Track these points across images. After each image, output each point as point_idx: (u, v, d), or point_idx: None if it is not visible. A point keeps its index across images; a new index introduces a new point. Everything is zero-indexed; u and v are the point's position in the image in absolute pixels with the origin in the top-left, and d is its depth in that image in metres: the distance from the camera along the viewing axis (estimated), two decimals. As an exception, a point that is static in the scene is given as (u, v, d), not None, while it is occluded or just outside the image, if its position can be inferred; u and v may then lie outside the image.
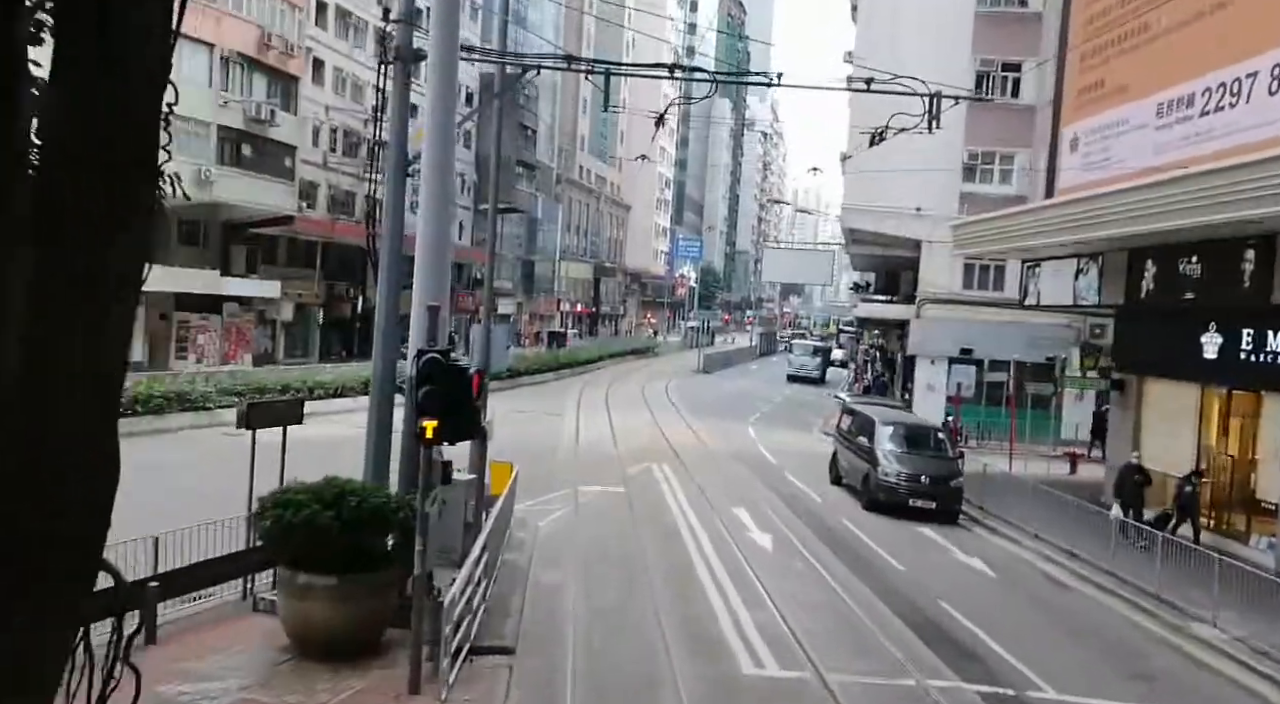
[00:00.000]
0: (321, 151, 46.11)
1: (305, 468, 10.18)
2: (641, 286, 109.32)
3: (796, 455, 25.78)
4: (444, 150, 11.29)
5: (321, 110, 45.86)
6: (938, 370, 30.98)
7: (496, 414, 28.58)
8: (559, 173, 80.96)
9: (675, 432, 27.96)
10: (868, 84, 13.85)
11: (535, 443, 23.64)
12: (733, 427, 31.30)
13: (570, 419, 29.28)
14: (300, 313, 45.53)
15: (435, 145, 11.15)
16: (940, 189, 30.41)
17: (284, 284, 42.59)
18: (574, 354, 48.65)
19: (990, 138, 30.38)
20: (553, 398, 35.43)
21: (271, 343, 44.09)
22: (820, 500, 19.47)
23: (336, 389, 27.47)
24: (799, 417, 36.55)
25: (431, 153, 11.17)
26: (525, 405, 32.04)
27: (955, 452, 19.09)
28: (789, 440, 29.23)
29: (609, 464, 21.49)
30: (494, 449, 21.08)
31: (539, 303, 76.20)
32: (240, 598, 10.68)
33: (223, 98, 35.61)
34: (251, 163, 37.57)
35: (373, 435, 11.18)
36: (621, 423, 28.87)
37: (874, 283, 47.19)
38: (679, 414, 33.18)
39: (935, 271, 30.90)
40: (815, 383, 54.07)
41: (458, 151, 59.37)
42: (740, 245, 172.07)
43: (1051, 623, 12.77)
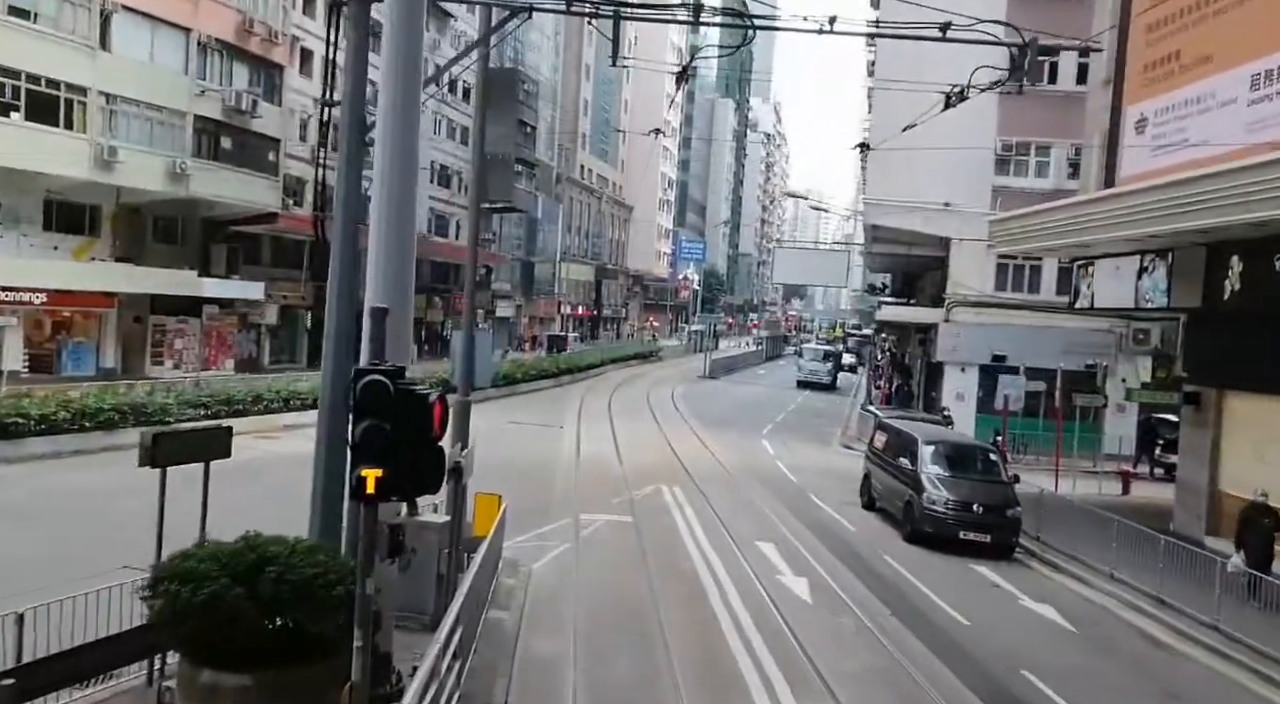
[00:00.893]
0: (309, 146, 43.82)
1: (259, 504, 7.82)
2: (644, 289, 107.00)
3: (818, 473, 23.43)
4: (405, 113, 8.89)
5: (310, 103, 43.59)
6: (967, 378, 28.62)
7: (489, 428, 26.25)
8: (559, 172, 78.67)
9: (685, 445, 25.61)
10: (943, 30, 11.41)
11: (531, 461, 21.32)
12: (746, 439, 28.95)
13: (570, 431, 26.93)
14: (286, 316, 43.21)
15: (395, 106, 8.75)
16: (970, 183, 28.10)
17: (269, 285, 40.28)
18: (575, 359, 46.31)
19: (1025, 127, 28.05)
20: (552, 407, 33.09)
21: (256, 348, 41.76)
22: (854, 530, 17.10)
23: (315, 399, 25.09)
24: (815, 427, 34.18)
25: (390, 117, 8.77)
26: (522, 416, 29.73)
27: (1009, 475, 16.72)
28: (808, 455, 26.88)
29: (613, 485, 19.12)
30: (486, 467, 18.77)
31: (539, 305, 73.89)
32: (145, 684, 8.32)
33: (200, 86, 33.28)
34: (231, 156, 35.24)
35: (320, 478, 8.80)
36: (626, 435, 26.52)
37: (890, 285, 44.84)
38: (687, 424, 30.82)
39: (965, 272, 28.55)
40: (827, 389, 51.72)
41: (452, 147, 57.22)
42: (743, 248, 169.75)
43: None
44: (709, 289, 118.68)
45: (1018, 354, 27.64)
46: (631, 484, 19.18)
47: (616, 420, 30.22)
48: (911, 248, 29.61)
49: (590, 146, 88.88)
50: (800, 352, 54.49)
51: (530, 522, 14.95)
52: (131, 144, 30.69)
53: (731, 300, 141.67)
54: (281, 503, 9.78)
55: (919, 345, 34.48)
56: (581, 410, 32.39)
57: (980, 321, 28.50)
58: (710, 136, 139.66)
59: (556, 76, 77.45)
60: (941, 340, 28.40)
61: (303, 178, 43.61)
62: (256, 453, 19.49)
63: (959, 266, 28.56)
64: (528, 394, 36.68)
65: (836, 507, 18.84)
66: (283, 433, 22.71)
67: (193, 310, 36.50)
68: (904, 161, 28.49)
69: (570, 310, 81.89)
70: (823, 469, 24.08)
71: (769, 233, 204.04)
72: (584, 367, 46.41)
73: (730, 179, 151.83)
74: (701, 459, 23.67)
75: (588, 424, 28.89)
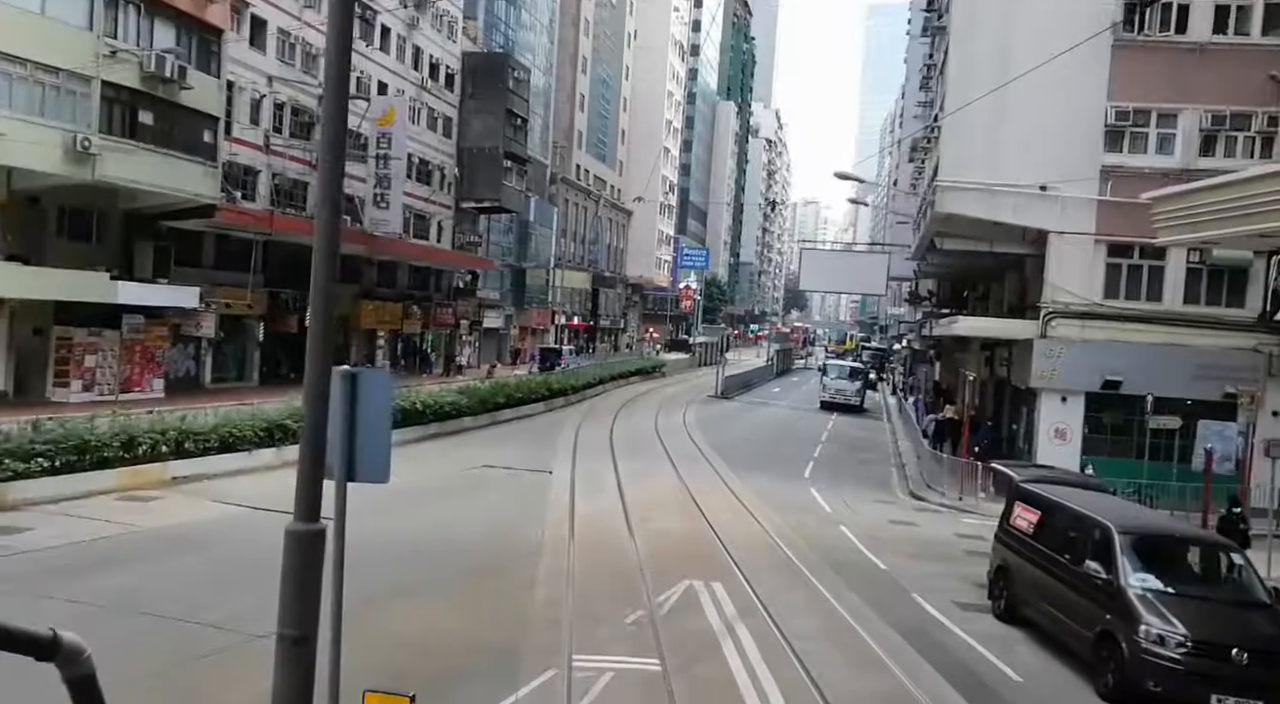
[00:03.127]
0: (263, 131, 37.71)
1: None
2: (643, 298, 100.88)
3: (903, 546, 17.26)
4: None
5: (263, 81, 37.50)
6: (1070, 411, 22.47)
7: (453, 475, 19.95)
8: (554, 171, 72.61)
9: (714, 500, 19.41)
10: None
11: (502, 537, 15.14)
12: (787, 486, 22.79)
13: (562, 479, 20.72)
14: (235, 327, 37.01)
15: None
16: (1072, 162, 22.08)
17: (208, 292, 34.11)
18: (569, 378, 40.10)
19: (1145, 90, 22.00)
20: (541, 440, 26.89)
21: (195, 364, 35.53)
22: (1019, 678, 10.61)
23: (228, 437, 18.88)
24: (864, 467, 27.98)
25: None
26: (502, 453, 23.54)
27: (1270, 589, 10.51)
28: (874, 513, 20.67)
29: (625, 584, 12.89)
30: (431, 556, 12.64)
31: (531, 315, 67.74)
32: None
33: (109, 45, 27.12)
34: (155, 135, 29.06)
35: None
36: (636, 484, 20.31)
37: (937, 293, 38.74)
38: (710, 465, 24.62)
39: (1067, 274, 22.45)
40: (855, 411, 45.53)
41: (434, 139, 51.04)
42: (744, 257, 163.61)
43: None
44: (710, 299, 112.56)
45: (1137, 379, 21.58)
46: (652, 580, 12.94)
47: (621, 460, 24.03)
48: (994, 244, 23.54)
49: (587, 146, 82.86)
50: (824, 368, 48.28)
51: (485, 688, 8.72)
52: (15, 113, 24.54)
53: (733, 311, 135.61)
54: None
55: (985, 365, 28.32)
56: (577, 445, 26.19)
57: (1085, 337, 22.37)
58: (711, 140, 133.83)
59: (549, 78, 71.38)
60: (1037, 362, 22.25)
61: (254, 167, 37.53)
62: (105, 530, 13.35)
63: (1059, 267, 22.44)
64: (513, 423, 30.46)
65: (960, 618, 12.59)
66: (166, 490, 16.53)
67: (111, 321, 30.30)
68: (987, 136, 22.45)
69: (565, 321, 75.72)
70: (905, 539, 17.89)
71: (769, 241, 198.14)
72: (580, 387, 40.20)
73: (732, 185, 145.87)
74: (741, 525, 17.46)
75: (585, 466, 22.69)
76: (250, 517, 14.94)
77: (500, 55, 57.45)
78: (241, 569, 11.59)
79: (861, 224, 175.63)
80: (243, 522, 14.61)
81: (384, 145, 41.97)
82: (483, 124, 54.72)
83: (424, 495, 17.90)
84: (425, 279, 52.30)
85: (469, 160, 54.59)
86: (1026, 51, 21.15)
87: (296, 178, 40.05)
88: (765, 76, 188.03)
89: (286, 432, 20.04)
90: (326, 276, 5.89)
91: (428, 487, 18.86)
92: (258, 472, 18.87)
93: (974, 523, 19.88)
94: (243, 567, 11.61)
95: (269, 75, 37.90)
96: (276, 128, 38.71)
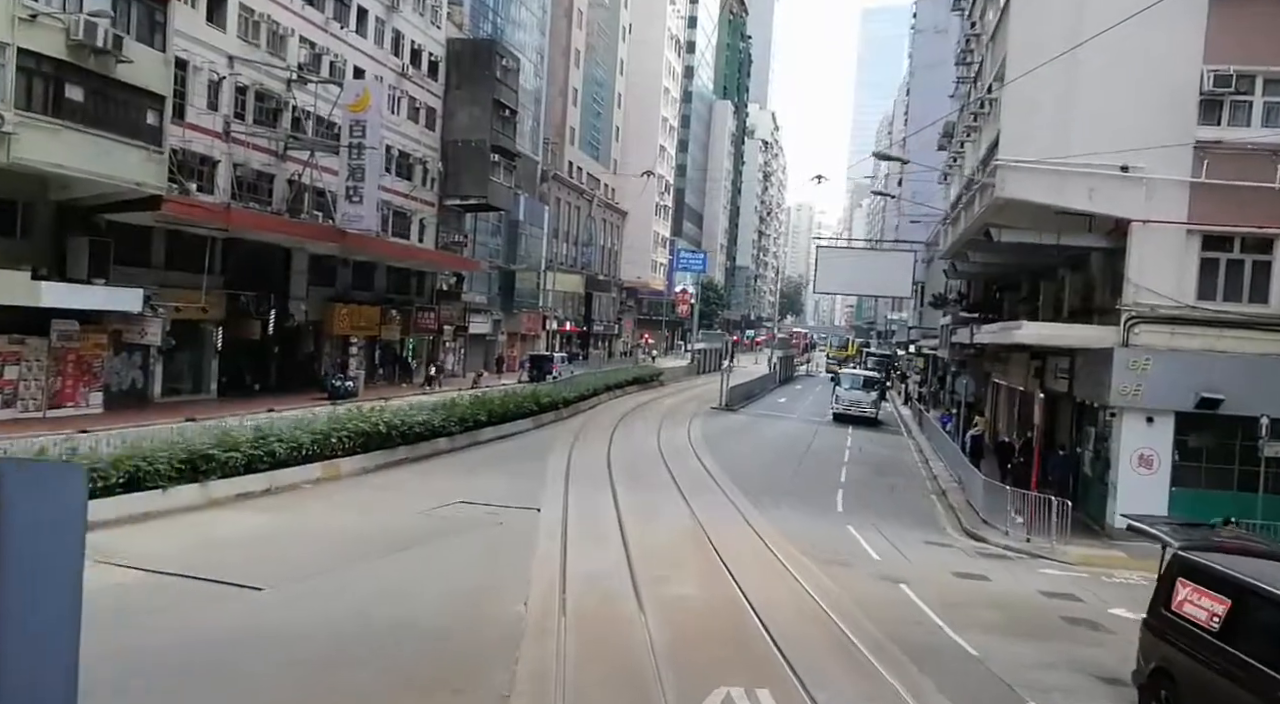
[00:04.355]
0: (222, 117, 33.98)
1: None
2: (638, 302, 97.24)
3: (986, 611, 13.63)
4: None
5: (222, 61, 33.77)
6: (1158, 434, 18.84)
7: (418, 518, 16.35)
8: (545, 168, 68.95)
9: (740, 550, 15.73)
10: None
11: (471, 613, 11.50)
12: (823, 527, 19.13)
13: (552, 520, 17.02)
14: (189, 333, 33.24)
15: None
16: (1157, 139, 18.46)
17: (160, 294, 30.39)
18: (560, 390, 36.39)
19: (1251, 51, 18.45)
20: (528, 466, 23.21)
21: (142, 375, 31.74)
22: None
23: (135, 471, 15.09)
24: (904, 497, 24.30)
25: None
26: (481, 485, 19.85)
27: None
28: (933, 562, 16.98)
29: (636, 696, 9.23)
30: (371, 636, 10.02)
31: (521, 320, 64.04)
32: None
33: (27, 7, 23.39)
34: (85, 113, 25.35)
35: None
36: (643, 530, 16.63)
37: (967, 295, 35.16)
38: (727, 498, 20.94)
39: (1152, 270, 18.86)
40: (871, 424, 41.91)
41: (415, 131, 47.11)
42: (741, 260, 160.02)
43: None
44: (707, 303, 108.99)
45: (1241, 397, 18.01)
46: (675, 689, 9.25)
47: (622, 490, 20.36)
48: (1061, 235, 19.97)
49: (580, 143, 79.25)
50: (837, 378, 44.67)
51: None
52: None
53: (729, 315, 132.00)
54: None
55: (1034, 376, 24.74)
56: (570, 471, 22.51)
57: (1175, 346, 18.78)
58: (708, 140, 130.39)
59: (541, 71, 67.76)
60: (1118, 376, 18.62)
61: (211, 156, 33.81)
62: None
63: (1141, 263, 18.84)
64: (497, 443, 26.74)
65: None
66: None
67: (38, 327, 26.60)
68: (1056, 107, 18.88)
69: (557, 326, 72.03)
70: (982, 601, 14.23)
71: (765, 245, 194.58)
72: (572, 398, 36.50)
73: (728, 187, 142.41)
74: (777, 585, 13.80)
75: (580, 500, 19.01)
76: (149, 588, 11.32)
77: (487, 42, 53.81)
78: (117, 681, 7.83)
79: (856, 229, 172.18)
80: (135, 597, 10.93)
81: (358, 133, 38.21)
82: (468, 115, 51.06)
83: (376, 547, 14.22)
84: (406, 281, 48.57)
85: (454, 154, 50.91)
86: (1105, 4, 17.62)
87: (261, 169, 36.35)
88: (761, 77, 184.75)
89: (214, 463, 16.33)
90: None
91: (383, 534, 15.18)
92: (173, 514, 15.16)
93: (1056, 575, 16.28)
94: (122, 675, 7.86)
95: (230, 55, 34.21)
96: (238, 113, 34.99)
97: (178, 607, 10.84)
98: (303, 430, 18.74)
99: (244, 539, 14.31)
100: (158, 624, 10.18)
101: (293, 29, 37.67)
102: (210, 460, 16.33)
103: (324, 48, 39.87)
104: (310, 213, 39.08)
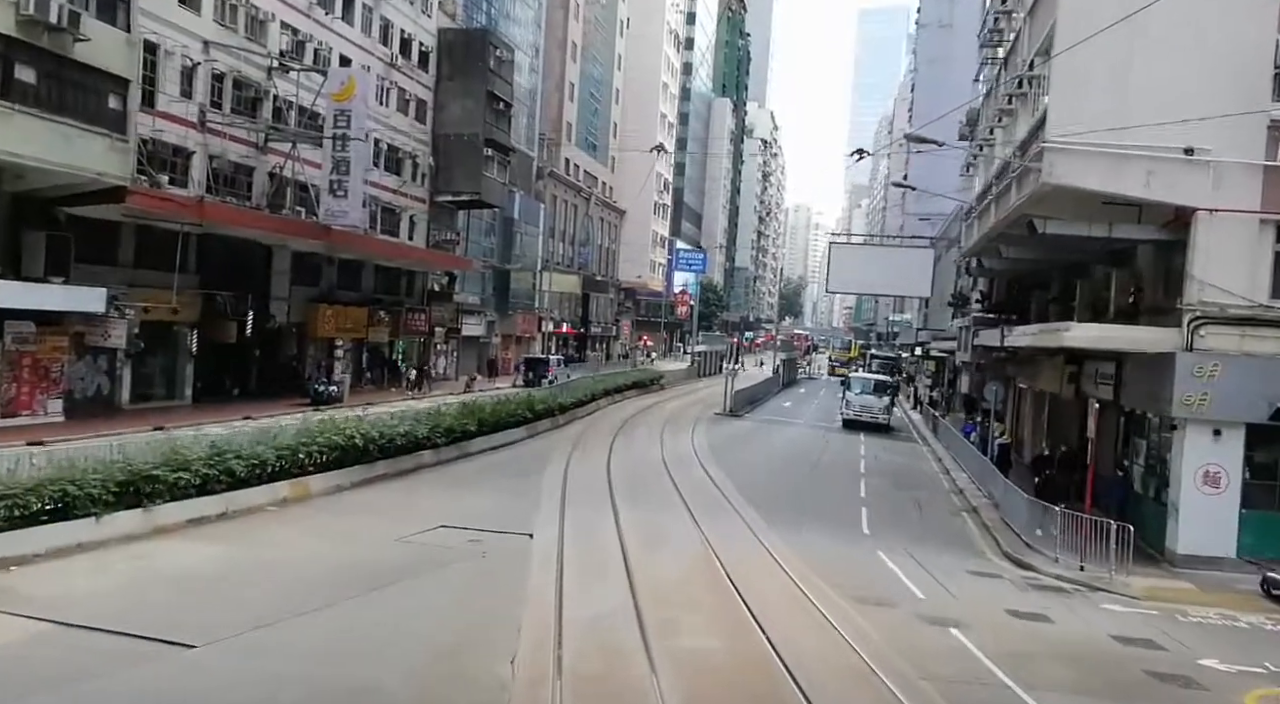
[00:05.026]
0: (197, 105, 31.87)
1: None
2: (636, 303, 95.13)
3: (1055, 663, 11.61)
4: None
5: (197, 46, 31.68)
6: (1226, 449, 16.81)
7: (386, 547, 14.19)
8: (541, 165, 66.87)
9: (764, 588, 13.65)
10: None
11: (444, 680, 9.39)
12: (852, 555, 17.07)
13: (545, 549, 14.94)
14: (161, 335, 31.16)
15: None
16: (1223, 117, 16.42)
17: (128, 293, 28.34)
18: (555, 395, 34.29)
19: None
20: (520, 482, 21.15)
21: (109, 380, 29.61)
22: None
23: (62, 496, 12.98)
24: (934, 515, 22.23)
25: None
26: (467, 505, 17.79)
27: None
28: (983, 597, 14.94)
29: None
30: None
31: (516, 322, 61.93)
32: None
33: (-30, -22, 21.32)
34: (38, 97, 23.29)
35: None
36: (650, 561, 14.58)
37: (990, 296, 33.14)
38: (742, 519, 18.86)
39: (1219, 265, 16.84)
40: (883, 430, 39.87)
41: (405, 123, 44.94)
42: (740, 261, 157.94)
43: None
44: (706, 305, 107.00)
45: (1321, 408, 15.95)
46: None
47: (625, 509, 18.30)
48: (1112, 226, 17.96)
49: (577, 139, 77.17)
50: (847, 382, 42.57)
51: None
52: None
53: (728, 317, 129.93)
54: None
55: (1069, 382, 22.71)
56: (567, 487, 20.46)
57: (1247, 350, 16.75)
58: (707, 138, 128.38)
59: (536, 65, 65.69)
60: (1181, 383, 16.60)
61: (185, 147, 31.70)
62: None
63: (1207, 257, 16.80)
64: (486, 455, 24.66)
65: None
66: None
67: (-10, 328, 24.54)
68: (1111, 83, 16.85)
69: (553, 328, 69.93)
70: (1048, 649, 12.20)
71: (764, 245, 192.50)
72: (569, 404, 34.41)
73: (727, 186, 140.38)
74: (811, 633, 11.75)
75: (578, 523, 16.94)
76: (52, 646, 9.27)
77: (480, 31, 51.72)
78: None
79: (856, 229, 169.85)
80: (29, 662, 8.87)
81: (342, 123, 36.09)
82: (461, 108, 48.95)
83: (340, 586, 12.15)
84: (395, 281, 46.45)
85: (445, 148, 48.81)
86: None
87: (239, 161, 34.24)
88: (760, 75, 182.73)
89: (159, 485, 14.24)
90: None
91: (350, 568, 13.10)
92: (110, 546, 13.09)
93: (1123, 612, 14.26)
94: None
95: (205, 40, 32.12)
96: (215, 102, 32.89)
97: (82, 674, 8.75)
98: (267, 445, 16.65)
99: (186, 576, 12.24)
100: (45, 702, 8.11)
101: (273, 14, 35.55)
102: (155, 482, 14.23)
103: (308, 34, 37.78)
104: (293, 208, 37.00)
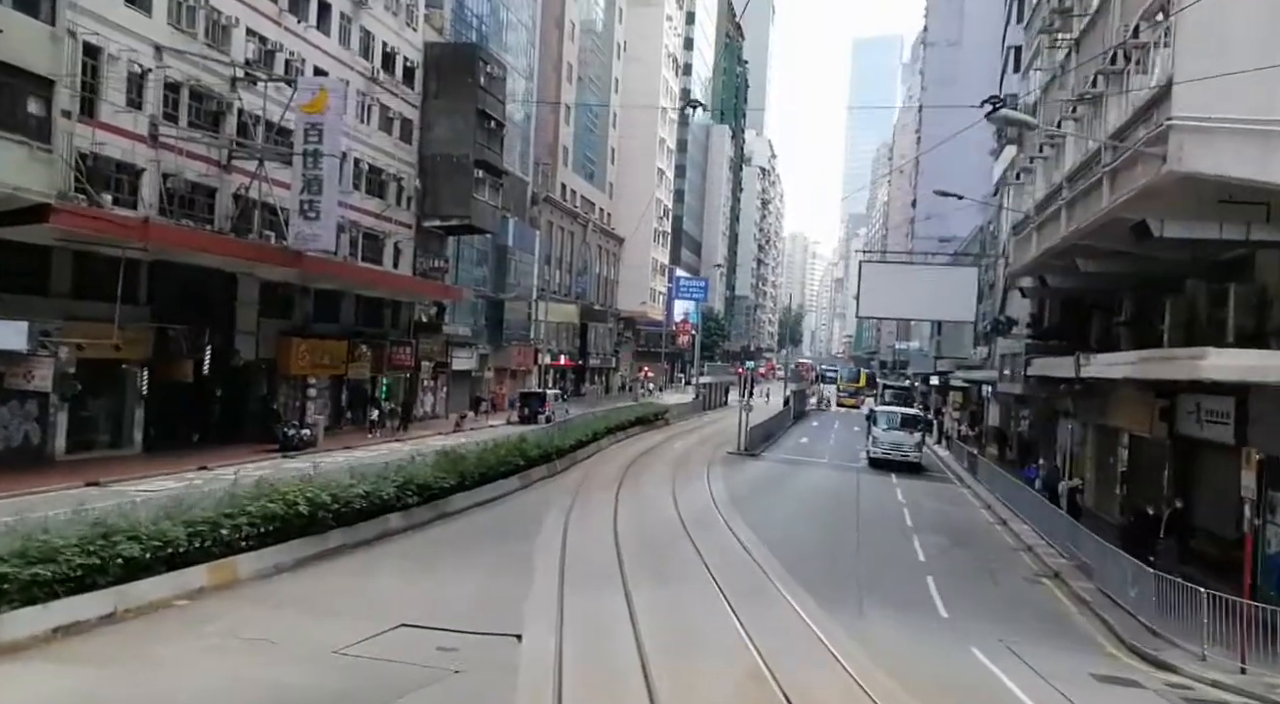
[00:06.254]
0: (148, 117, 28.32)
1: None
2: (635, 333, 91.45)
3: None
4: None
5: (147, 50, 28.19)
6: None
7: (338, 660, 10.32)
8: (536, 191, 63.49)
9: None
10: None
11: None
12: (942, 658, 13.17)
13: (537, 660, 11.04)
14: (104, 375, 27.42)
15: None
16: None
17: (66, 328, 24.66)
18: (551, 437, 30.40)
19: None
20: (508, 550, 17.28)
21: (37, 427, 25.76)
22: None
23: None
24: (1012, 586, 18.32)
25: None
26: (439, 589, 13.92)
27: None
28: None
29: None
30: None
31: (511, 355, 58.17)
32: None
33: None
34: (-61, 97, 19.65)
35: None
36: (678, 679, 10.71)
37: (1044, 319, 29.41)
38: (789, 601, 14.95)
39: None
40: (914, 469, 36.00)
41: (388, 142, 40.14)
42: (740, 289, 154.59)
43: None
44: (708, 334, 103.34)
45: None
46: None
47: (639, 597, 14.38)
48: (1251, 226, 14.33)
49: (573, 164, 73.88)
50: (874, 416, 38.77)
51: None
52: None
53: (730, 346, 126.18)
54: None
55: (1160, 419, 18.89)
56: (566, 559, 16.59)
57: None
58: (705, 165, 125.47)
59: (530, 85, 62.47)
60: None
61: (133, 163, 28.09)
62: None
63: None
64: (470, 513, 20.74)
65: None
66: None
67: (-116, 370, 20.77)
68: (1256, 46, 13.23)
69: (550, 360, 66.15)
70: None
71: (764, 274, 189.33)
72: (567, 447, 30.54)
73: (726, 214, 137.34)
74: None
75: (579, 617, 13.05)
76: None
77: (469, 46, 48.46)
78: None
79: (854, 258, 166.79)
80: None
81: (314, 138, 32.54)
82: (449, 127, 45.54)
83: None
84: (378, 312, 42.72)
85: (433, 170, 45.35)
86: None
87: (198, 180, 30.64)
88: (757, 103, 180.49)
89: (9, 583, 10.39)
90: None
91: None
92: (55, 642, 9.22)
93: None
94: None
95: (157, 44, 28.65)
96: (169, 114, 29.32)
97: None
98: (175, 520, 12.78)
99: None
100: None
101: (237, 18, 32.10)
102: (3, 580, 10.37)
103: (277, 43, 34.34)
104: (260, 233, 33.34)
